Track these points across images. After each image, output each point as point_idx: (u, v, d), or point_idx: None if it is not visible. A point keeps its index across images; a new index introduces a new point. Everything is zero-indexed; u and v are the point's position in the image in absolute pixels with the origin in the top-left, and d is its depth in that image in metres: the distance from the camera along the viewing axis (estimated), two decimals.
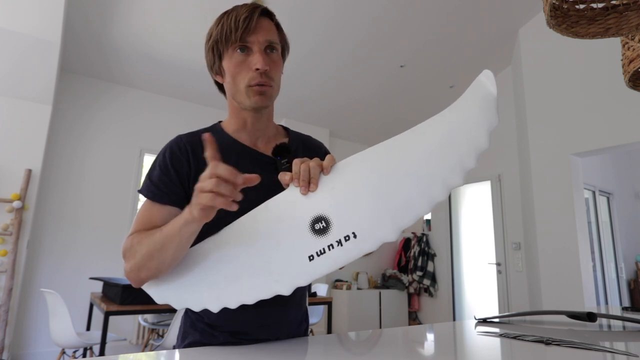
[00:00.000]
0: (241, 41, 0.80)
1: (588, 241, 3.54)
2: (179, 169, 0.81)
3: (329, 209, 0.69)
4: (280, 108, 4.98)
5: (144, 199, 0.82)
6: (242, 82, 0.81)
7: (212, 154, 0.63)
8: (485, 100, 0.68)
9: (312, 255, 0.68)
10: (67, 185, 3.93)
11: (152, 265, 0.70)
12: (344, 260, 0.68)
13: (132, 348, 3.96)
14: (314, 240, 0.69)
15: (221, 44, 0.82)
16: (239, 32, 0.79)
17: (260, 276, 0.69)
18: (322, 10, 3.56)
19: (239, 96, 0.84)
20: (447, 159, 0.68)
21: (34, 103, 3.52)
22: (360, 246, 0.67)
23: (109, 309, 2.35)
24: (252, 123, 0.88)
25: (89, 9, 3.31)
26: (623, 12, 1.02)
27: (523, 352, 0.77)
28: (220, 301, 0.70)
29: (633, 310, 1.55)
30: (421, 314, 5.65)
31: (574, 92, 3.60)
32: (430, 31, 3.99)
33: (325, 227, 0.68)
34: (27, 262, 3.56)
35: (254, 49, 0.81)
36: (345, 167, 0.71)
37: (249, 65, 0.80)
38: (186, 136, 0.85)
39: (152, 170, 0.82)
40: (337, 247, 0.68)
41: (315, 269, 0.68)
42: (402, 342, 0.88)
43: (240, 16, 0.79)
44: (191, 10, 3.42)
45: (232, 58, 0.82)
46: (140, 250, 0.71)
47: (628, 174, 5.86)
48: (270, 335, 0.83)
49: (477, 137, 0.67)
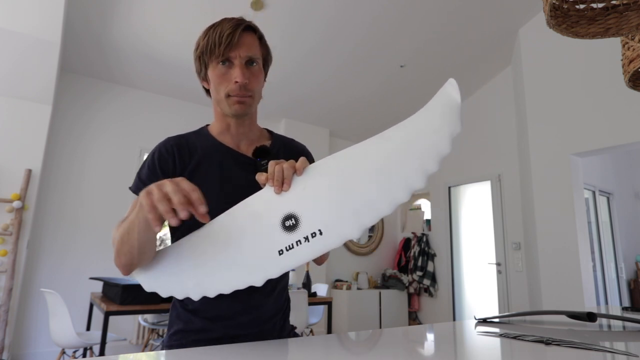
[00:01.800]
0: (223, 56, 0.87)
1: (588, 241, 3.54)
2: (165, 169, 0.88)
3: (298, 208, 0.75)
4: (280, 108, 4.98)
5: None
6: (223, 92, 0.89)
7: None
8: (449, 108, 0.72)
9: (282, 250, 0.74)
10: (67, 185, 3.93)
11: (125, 250, 0.76)
12: (311, 255, 0.73)
13: (132, 348, 3.97)
14: (284, 237, 0.74)
15: (206, 55, 0.88)
16: (222, 47, 0.86)
17: (236, 268, 0.76)
18: (322, 10, 3.56)
19: (221, 104, 0.91)
20: (409, 162, 0.72)
21: (34, 103, 3.52)
22: (326, 242, 0.73)
23: (109, 309, 2.35)
24: (234, 127, 0.95)
25: (89, 9, 3.31)
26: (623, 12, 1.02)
27: (523, 352, 0.77)
28: (201, 290, 0.77)
29: (633, 310, 1.55)
30: (421, 314, 5.65)
31: (574, 92, 3.60)
32: (431, 31, 3.99)
33: (295, 224, 0.74)
34: (27, 262, 3.56)
35: (235, 63, 0.87)
36: (316, 168, 0.77)
37: (230, 78, 0.88)
38: (174, 138, 0.94)
39: (142, 169, 0.91)
40: (305, 242, 0.73)
41: (284, 262, 0.74)
42: (402, 342, 0.88)
43: (225, 32, 0.86)
44: (191, 10, 3.42)
45: (215, 69, 0.89)
46: (116, 237, 0.78)
47: (628, 174, 5.86)
48: (249, 319, 0.89)
49: (439, 142, 0.71)
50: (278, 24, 3.66)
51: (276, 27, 3.69)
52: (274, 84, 4.47)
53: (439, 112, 0.73)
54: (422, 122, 0.74)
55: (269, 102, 4.80)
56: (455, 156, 5.14)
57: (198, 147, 0.93)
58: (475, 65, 4.64)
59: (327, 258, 1.01)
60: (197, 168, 0.90)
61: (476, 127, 5.05)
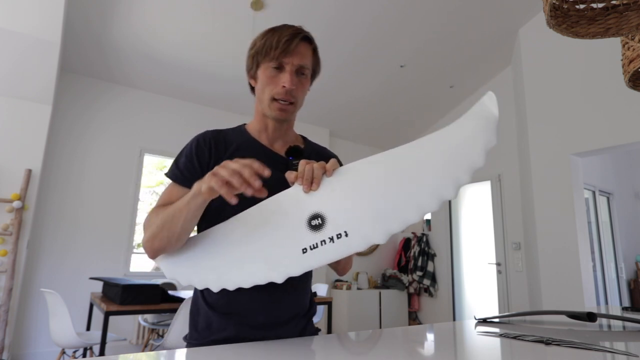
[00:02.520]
0: (277, 60, 0.91)
1: (588, 241, 3.54)
2: (201, 159, 0.92)
3: (325, 208, 0.75)
4: None
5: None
6: (269, 93, 0.93)
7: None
8: (486, 121, 0.73)
9: (306, 249, 0.74)
10: (67, 185, 3.93)
11: (163, 235, 0.79)
12: (334, 256, 0.73)
13: (132, 348, 3.97)
14: (309, 235, 0.74)
15: (261, 55, 0.92)
16: (277, 51, 0.90)
17: (258, 263, 0.76)
18: (322, 10, 3.56)
19: (263, 105, 0.95)
20: (441, 172, 0.72)
21: (34, 103, 3.52)
22: (351, 244, 0.73)
23: (109, 309, 2.35)
24: (272, 128, 0.98)
25: (89, 9, 3.31)
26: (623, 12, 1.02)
27: (523, 352, 0.77)
28: (221, 282, 0.78)
29: (633, 310, 1.55)
30: (421, 314, 5.65)
31: (574, 92, 3.60)
32: (431, 31, 3.99)
33: (321, 224, 0.74)
34: (27, 262, 3.56)
35: (286, 69, 0.91)
36: (346, 171, 0.77)
37: (278, 81, 0.92)
38: (212, 132, 0.97)
39: (179, 157, 0.94)
40: (329, 243, 0.73)
41: (307, 261, 0.74)
42: (402, 342, 0.88)
43: (283, 38, 0.91)
44: (191, 10, 3.42)
45: (267, 71, 0.92)
46: (155, 222, 0.81)
47: (628, 174, 5.86)
48: (265, 318, 0.88)
49: (473, 154, 0.71)
50: (278, 24, 3.66)
51: None
52: None
53: (475, 124, 0.73)
54: (457, 132, 0.74)
55: None
56: None
57: (234, 141, 0.96)
58: (475, 65, 4.64)
59: (349, 268, 1.02)
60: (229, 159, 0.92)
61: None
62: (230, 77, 4.30)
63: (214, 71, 4.22)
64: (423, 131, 5.83)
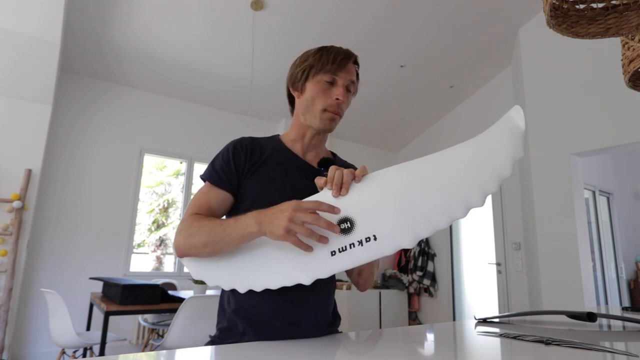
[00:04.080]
0: (333, 74, 0.98)
1: (588, 241, 3.54)
2: (237, 163, 0.95)
3: (355, 212, 0.77)
4: (280, 108, 4.98)
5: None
6: (320, 105, 0.98)
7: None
8: (513, 133, 0.74)
9: (335, 251, 0.76)
10: (67, 185, 3.93)
11: (205, 250, 0.82)
12: (363, 259, 0.75)
13: (132, 348, 3.97)
14: (338, 238, 0.76)
15: (315, 69, 0.98)
16: (334, 66, 0.97)
17: (286, 264, 0.78)
18: (322, 10, 3.56)
19: (311, 115, 1.00)
20: (470, 181, 0.74)
21: (34, 103, 3.52)
22: (379, 248, 0.74)
23: (109, 309, 2.35)
24: (309, 138, 1.03)
25: (89, 9, 3.31)
26: (623, 12, 1.02)
27: (523, 352, 0.77)
28: (247, 283, 0.80)
29: (633, 310, 1.55)
30: (421, 314, 5.65)
31: (574, 92, 3.60)
32: (431, 31, 3.99)
33: (350, 227, 0.76)
34: (27, 262, 3.56)
35: (338, 83, 0.98)
36: (375, 177, 0.80)
37: (331, 94, 0.98)
38: (248, 138, 1.01)
39: (215, 160, 0.98)
40: (358, 246, 0.75)
41: (335, 263, 0.76)
42: (402, 342, 0.88)
43: (339, 55, 0.99)
44: (191, 10, 3.42)
45: (319, 84, 0.98)
46: (198, 235, 0.82)
47: (628, 174, 5.86)
48: (286, 325, 0.88)
49: (501, 164, 0.73)
50: (278, 24, 3.66)
51: (276, 27, 3.69)
52: (273, 83, 4.47)
53: (502, 136, 0.75)
54: (485, 144, 0.76)
55: (269, 102, 4.80)
56: None
57: (268, 148, 1.00)
58: (475, 65, 4.64)
59: (371, 284, 1.05)
60: (263, 165, 0.96)
61: (476, 127, 5.05)
62: (230, 77, 4.30)
63: (214, 71, 4.22)
64: (423, 131, 5.83)
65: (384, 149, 6.10)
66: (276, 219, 0.73)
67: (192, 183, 4.71)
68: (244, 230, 0.78)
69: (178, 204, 4.82)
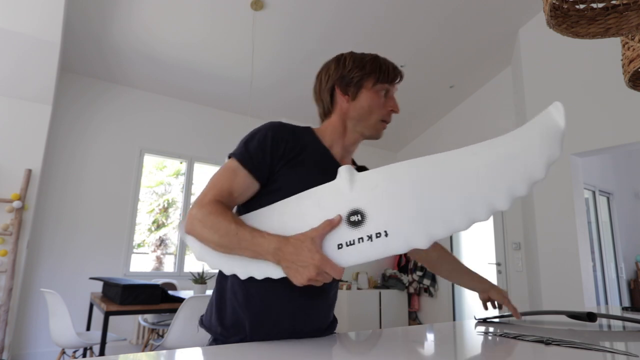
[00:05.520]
0: (390, 83, 0.98)
1: (588, 241, 3.54)
2: (274, 154, 0.88)
3: (366, 204, 0.72)
4: (280, 108, 4.98)
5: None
6: (377, 116, 0.97)
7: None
8: (550, 131, 0.67)
9: (342, 244, 0.71)
10: (67, 185, 3.93)
11: (214, 247, 0.79)
12: (371, 255, 0.70)
13: (132, 348, 3.96)
14: (347, 231, 0.71)
15: (374, 78, 0.96)
16: (391, 77, 0.97)
17: None
18: (322, 10, 3.56)
19: (365, 124, 0.98)
20: (496, 182, 0.67)
21: (34, 103, 3.52)
22: (390, 245, 0.69)
23: (109, 309, 2.35)
24: (351, 144, 1.01)
25: (89, 9, 3.31)
26: (623, 12, 1.02)
27: (523, 352, 0.77)
28: (248, 270, 0.77)
29: (633, 310, 1.55)
30: (421, 314, 5.65)
31: (574, 92, 3.60)
32: (431, 31, 3.99)
33: (360, 220, 0.71)
34: (27, 262, 3.56)
35: (391, 94, 0.99)
36: (392, 169, 0.74)
37: (387, 105, 0.98)
38: (289, 127, 0.94)
39: (250, 140, 0.89)
40: (367, 241, 0.70)
41: (341, 257, 0.71)
42: (402, 342, 0.87)
43: (395, 68, 0.99)
44: (191, 10, 3.42)
45: (377, 94, 0.97)
46: (211, 233, 0.78)
47: (628, 174, 5.85)
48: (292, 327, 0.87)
49: (533, 165, 0.66)
50: (278, 24, 3.66)
51: (276, 27, 3.69)
52: (273, 83, 4.47)
53: (538, 133, 0.68)
54: (518, 141, 0.69)
55: (269, 102, 4.80)
56: None
57: (306, 143, 0.94)
58: (475, 65, 4.64)
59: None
60: (300, 163, 0.90)
61: (476, 127, 5.05)
62: (230, 77, 4.30)
63: (214, 71, 4.22)
64: (423, 131, 5.83)
65: (383, 149, 6.10)
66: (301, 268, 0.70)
67: (192, 183, 4.71)
68: (258, 254, 0.75)
69: (178, 204, 4.82)
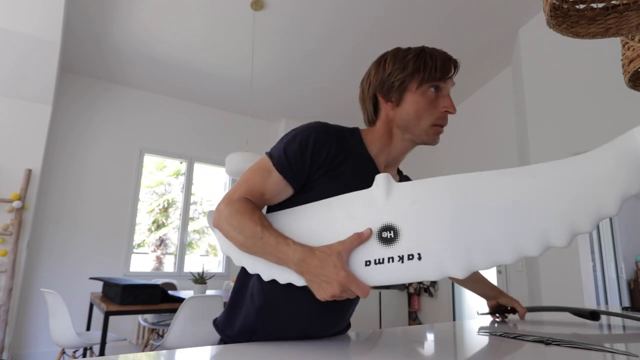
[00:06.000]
0: (438, 81, 0.83)
1: (588, 241, 3.54)
2: (315, 160, 0.80)
3: (401, 221, 0.65)
4: (280, 108, 4.98)
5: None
6: (428, 120, 0.84)
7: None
8: (631, 158, 0.56)
9: (370, 262, 0.65)
10: (67, 185, 3.93)
11: (240, 248, 0.77)
12: (400, 277, 0.63)
13: (132, 348, 3.96)
14: (377, 248, 0.65)
15: (418, 78, 0.83)
16: (440, 72, 0.82)
17: None
18: (322, 11, 3.56)
19: (414, 131, 0.85)
20: (553, 213, 0.57)
21: (34, 103, 3.52)
22: (421, 270, 0.62)
23: (109, 309, 2.35)
24: (398, 154, 0.90)
25: (89, 9, 3.31)
26: (623, 12, 1.02)
27: (523, 352, 0.76)
28: (271, 273, 0.73)
29: (633, 310, 1.55)
30: (421, 314, 5.65)
31: (574, 92, 3.60)
32: (430, 31, 3.99)
33: (393, 238, 0.65)
34: (27, 262, 3.56)
35: (444, 92, 0.84)
36: (433, 185, 0.66)
37: (438, 105, 0.83)
38: (333, 130, 0.85)
39: (291, 143, 0.81)
40: (397, 262, 0.63)
41: (367, 275, 0.65)
42: (402, 342, 0.87)
43: (445, 60, 0.84)
44: (191, 10, 3.42)
45: (425, 94, 0.83)
46: (237, 232, 0.75)
47: None
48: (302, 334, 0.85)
49: (604, 198, 0.55)
50: (278, 24, 3.66)
51: (276, 27, 3.69)
52: (273, 83, 4.47)
53: (615, 160, 0.57)
54: (588, 166, 0.58)
55: (269, 102, 4.79)
56: (454, 156, 5.14)
57: (352, 154, 0.85)
58: (475, 65, 4.64)
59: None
60: (341, 174, 0.82)
61: (476, 127, 5.05)
62: (230, 77, 4.30)
63: (214, 71, 4.22)
64: None
65: None
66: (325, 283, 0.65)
67: (192, 183, 4.70)
68: (281, 261, 0.71)
69: (178, 204, 4.82)
